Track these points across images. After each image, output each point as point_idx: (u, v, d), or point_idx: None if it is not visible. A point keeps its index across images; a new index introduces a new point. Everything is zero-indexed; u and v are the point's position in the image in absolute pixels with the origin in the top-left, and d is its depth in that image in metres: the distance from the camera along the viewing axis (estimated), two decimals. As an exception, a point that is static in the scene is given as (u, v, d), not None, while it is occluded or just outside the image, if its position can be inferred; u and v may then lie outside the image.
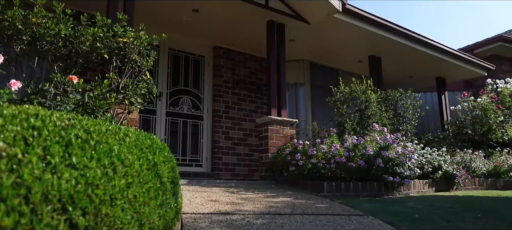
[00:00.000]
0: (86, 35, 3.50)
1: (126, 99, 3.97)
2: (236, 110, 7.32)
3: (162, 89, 6.65)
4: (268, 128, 5.64)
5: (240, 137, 7.24)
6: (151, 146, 2.28)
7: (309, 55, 7.98)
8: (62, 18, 3.45)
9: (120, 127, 1.93)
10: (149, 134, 2.57)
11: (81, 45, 3.55)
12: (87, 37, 3.51)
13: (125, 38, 3.73)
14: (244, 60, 7.61)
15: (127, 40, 3.75)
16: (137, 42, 3.83)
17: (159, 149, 2.30)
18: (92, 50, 3.61)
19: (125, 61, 3.97)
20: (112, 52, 3.91)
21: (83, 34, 3.52)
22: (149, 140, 2.37)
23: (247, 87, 7.51)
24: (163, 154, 2.39)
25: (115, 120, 4.10)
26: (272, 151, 5.61)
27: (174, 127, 6.71)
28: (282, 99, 5.99)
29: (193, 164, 6.81)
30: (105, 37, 3.59)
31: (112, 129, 1.84)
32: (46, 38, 3.40)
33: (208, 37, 7.02)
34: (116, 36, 3.67)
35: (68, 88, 3.16)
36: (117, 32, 3.67)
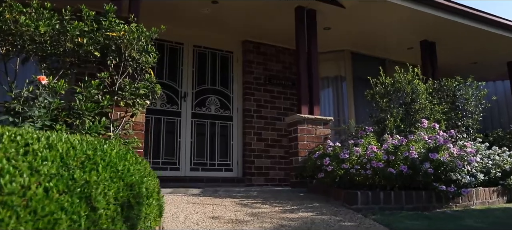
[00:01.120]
0: (71, 31, 3.10)
1: (123, 101, 3.54)
2: (269, 109, 6.70)
3: (187, 90, 6.24)
4: (298, 127, 4.96)
5: (274, 138, 6.62)
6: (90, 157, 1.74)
7: (350, 45, 7.12)
8: (41, 14, 3.09)
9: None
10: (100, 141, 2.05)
11: (67, 43, 3.17)
12: (72, 33, 3.11)
13: (114, 32, 3.29)
14: (276, 54, 6.97)
15: (117, 34, 3.31)
16: (130, 36, 3.38)
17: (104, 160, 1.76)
18: (78, 47, 3.22)
19: (121, 59, 3.54)
20: (107, 50, 3.50)
21: (68, 30, 3.13)
22: (90, 151, 1.84)
23: (281, 84, 6.86)
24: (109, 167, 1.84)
25: (114, 124, 3.70)
26: (303, 154, 4.92)
27: (201, 129, 6.26)
28: (314, 95, 5.27)
29: (222, 169, 6.32)
30: (89, 31, 3.18)
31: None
32: (24, 36, 3.06)
33: (236, 31, 6.48)
34: (102, 30, 3.24)
35: (38, 91, 2.77)
36: (103, 26, 3.24)
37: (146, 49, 3.58)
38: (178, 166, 5.96)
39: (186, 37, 6.34)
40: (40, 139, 1.53)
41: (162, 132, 5.95)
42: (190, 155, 6.07)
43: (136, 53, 3.59)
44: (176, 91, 6.15)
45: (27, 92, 2.82)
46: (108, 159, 1.88)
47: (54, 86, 3.01)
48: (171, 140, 6.00)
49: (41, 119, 2.80)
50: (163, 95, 6.04)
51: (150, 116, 5.87)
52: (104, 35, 3.27)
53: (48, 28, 3.06)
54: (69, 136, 2.03)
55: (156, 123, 5.93)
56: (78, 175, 1.54)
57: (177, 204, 3.42)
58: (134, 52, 3.58)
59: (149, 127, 5.85)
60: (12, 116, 2.79)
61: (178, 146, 6.01)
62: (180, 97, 6.16)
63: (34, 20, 3.04)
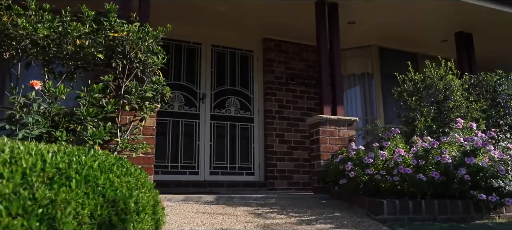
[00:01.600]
0: (71, 33, 2.96)
1: (128, 105, 3.37)
2: (292, 109, 6.40)
3: (206, 91, 6.04)
4: (320, 129, 4.63)
5: (297, 139, 6.31)
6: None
7: (377, 39, 6.68)
8: (42, 16, 2.96)
9: None
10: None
11: (68, 45, 3.03)
12: (72, 35, 2.97)
13: (115, 32, 3.12)
14: (299, 51, 6.65)
15: (119, 35, 3.14)
16: (133, 36, 3.20)
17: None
18: (79, 49, 3.07)
19: (127, 61, 3.37)
20: (112, 51, 3.34)
21: (69, 32, 2.99)
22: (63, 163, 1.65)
23: (303, 83, 6.54)
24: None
25: (122, 130, 3.54)
26: (325, 157, 4.58)
27: (221, 131, 6.05)
28: (337, 94, 4.92)
29: (243, 172, 6.08)
30: (90, 33, 3.02)
31: None
32: (25, 39, 2.94)
33: (256, 29, 6.22)
34: (102, 31, 3.07)
35: (31, 97, 2.63)
36: (105, 26, 3.07)
37: (152, 50, 3.38)
38: (197, 170, 5.78)
39: (204, 37, 6.15)
40: (4, 151, 1.35)
41: (180, 135, 5.79)
42: (210, 158, 5.88)
43: (143, 55, 3.41)
44: (194, 93, 5.98)
45: (24, 98, 2.70)
46: (85, 172, 1.68)
47: (54, 91, 2.87)
48: (190, 143, 5.83)
49: (37, 126, 2.66)
50: (181, 97, 5.88)
51: (167, 118, 5.73)
52: (106, 37, 3.11)
53: (49, 30, 2.93)
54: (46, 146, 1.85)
55: (174, 126, 5.77)
56: (41, 194, 1.33)
57: (185, 214, 3.21)
58: (141, 54, 3.40)
59: (167, 130, 5.72)
60: (9, 123, 2.67)
61: (197, 150, 5.83)
62: (198, 99, 5.98)
63: (33, 22, 2.92)
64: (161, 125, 5.68)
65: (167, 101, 5.75)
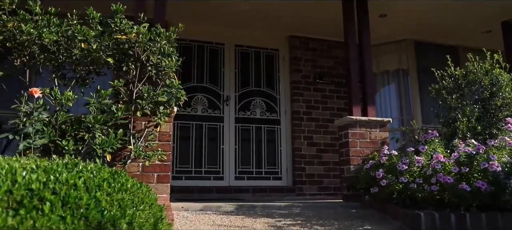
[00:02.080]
0: (77, 36, 2.82)
1: (139, 111, 3.20)
2: (321, 110, 6.05)
3: (229, 93, 5.83)
4: (349, 131, 4.28)
5: (327, 142, 5.96)
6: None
7: (412, 32, 6.17)
8: (48, 20, 2.84)
9: None
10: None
11: (74, 50, 2.89)
12: (77, 38, 2.83)
13: (125, 35, 2.94)
14: (327, 49, 6.29)
15: (127, 37, 2.96)
16: (143, 38, 3.02)
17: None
18: (87, 54, 2.92)
19: (137, 64, 3.20)
20: (123, 55, 3.18)
21: (75, 36, 2.85)
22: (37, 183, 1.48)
23: (333, 81, 6.17)
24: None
25: (135, 136, 3.37)
26: (356, 162, 4.23)
27: (246, 135, 5.81)
28: (368, 93, 4.54)
29: (270, 177, 5.81)
30: (96, 36, 2.86)
31: None
32: (33, 45, 2.84)
33: (281, 26, 5.93)
34: (109, 33, 2.91)
35: (31, 105, 2.49)
36: (112, 28, 2.91)
37: (164, 52, 3.19)
38: (222, 175, 5.57)
39: (227, 37, 5.94)
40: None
41: (204, 139, 5.60)
42: (235, 163, 5.66)
43: (155, 57, 3.22)
44: (218, 95, 5.78)
45: (27, 106, 2.58)
46: (65, 191, 1.48)
47: (60, 98, 2.74)
48: (214, 147, 5.63)
49: (40, 135, 2.53)
50: (204, 100, 5.70)
51: (190, 122, 5.57)
52: (114, 39, 2.94)
53: (56, 35, 2.80)
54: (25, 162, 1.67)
55: (198, 129, 5.60)
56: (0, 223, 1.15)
57: (200, 227, 2.99)
58: (153, 56, 3.22)
59: (190, 134, 5.56)
60: (14, 133, 2.56)
61: (222, 154, 5.63)
62: (222, 102, 5.77)
63: (40, 27, 2.80)
64: (184, 128, 5.53)
65: (190, 105, 5.60)
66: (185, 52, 5.76)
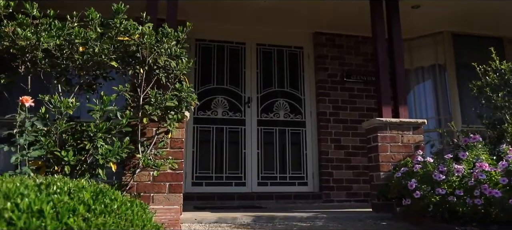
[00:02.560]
0: (74, 39, 2.64)
1: (146, 117, 2.99)
2: (348, 110, 5.66)
3: (251, 94, 5.56)
4: (378, 135, 3.89)
5: (355, 144, 5.56)
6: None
7: (449, 23, 5.64)
8: (49, 24, 2.68)
9: None
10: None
11: (74, 54, 2.72)
12: (77, 41, 2.65)
13: (128, 36, 2.74)
14: (355, 45, 5.89)
15: (129, 38, 2.76)
16: (147, 39, 2.80)
17: None
18: (89, 58, 2.74)
19: (144, 67, 2.99)
20: (130, 57, 2.99)
21: (74, 39, 2.68)
22: None
23: (361, 80, 5.77)
24: None
25: (145, 144, 3.18)
26: (386, 168, 3.84)
27: (269, 138, 5.52)
28: (399, 92, 4.13)
29: (295, 183, 5.49)
30: (96, 38, 2.67)
31: None
32: (33, 51, 2.69)
33: (305, 23, 5.60)
34: (108, 36, 2.71)
35: (23, 114, 2.32)
36: (112, 30, 2.71)
37: (171, 53, 2.96)
38: (244, 181, 5.31)
39: (247, 36, 5.68)
40: None
41: (225, 143, 5.37)
42: (257, 167, 5.39)
43: (162, 59, 3.01)
44: (239, 97, 5.53)
45: (23, 115, 2.42)
46: (24, 220, 1.27)
47: (60, 106, 2.57)
48: (235, 151, 5.38)
49: (35, 147, 2.36)
50: (225, 102, 5.47)
51: (210, 126, 5.35)
52: (117, 42, 2.75)
53: (57, 39, 2.64)
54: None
55: (218, 133, 5.37)
56: None
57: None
58: (160, 58, 3.00)
59: (210, 138, 5.34)
60: (8, 145, 2.41)
61: (243, 158, 5.37)
62: (243, 104, 5.51)
63: (39, 31, 2.65)
64: (203, 132, 5.32)
65: (210, 107, 5.39)
66: (204, 53, 5.55)
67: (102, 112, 2.74)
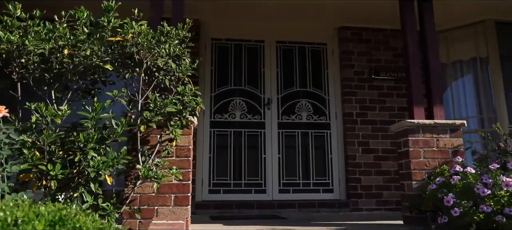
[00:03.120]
0: (62, 41, 2.42)
1: (143, 124, 2.72)
2: (377, 110, 5.20)
3: (271, 95, 5.21)
4: (409, 139, 3.44)
5: (386, 148, 5.09)
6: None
7: (493, 11, 5.02)
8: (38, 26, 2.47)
9: None
10: None
11: (64, 58, 2.49)
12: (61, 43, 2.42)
13: (117, 36, 2.48)
14: (384, 39, 5.40)
15: (123, 38, 2.50)
16: (142, 39, 2.53)
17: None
18: (79, 62, 2.51)
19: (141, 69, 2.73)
20: (127, 59, 2.74)
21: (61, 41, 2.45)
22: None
23: (391, 77, 5.28)
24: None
25: (146, 153, 2.92)
26: (419, 177, 3.38)
27: (290, 141, 5.16)
28: (433, 90, 3.66)
29: (320, 189, 5.09)
30: (84, 41, 2.43)
31: None
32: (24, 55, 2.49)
33: (328, 17, 5.19)
34: (96, 36, 2.45)
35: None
36: (101, 30, 2.45)
37: (169, 54, 2.68)
38: (264, 188, 4.98)
39: (266, 33, 5.34)
40: None
41: (243, 147, 5.06)
42: (278, 173, 5.04)
43: (162, 60, 2.73)
44: (258, 98, 5.20)
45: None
46: None
47: (46, 115, 2.35)
48: (254, 156, 5.06)
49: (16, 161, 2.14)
50: (243, 104, 5.16)
51: (228, 130, 5.06)
52: (109, 42, 2.50)
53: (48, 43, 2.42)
54: None
55: (236, 137, 5.07)
56: None
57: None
58: (159, 59, 2.73)
59: (228, 142, 5.05)
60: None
61: (263, 164, 5.04)
62: (263, 105, 5.18)
63: (27, 34, 2.44)
64: (221, 136, 5.04)
65: (228, 110, 5.10)
66: (221, 53, 5.27)
67: (94, 121, 2.49)
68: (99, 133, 2.50)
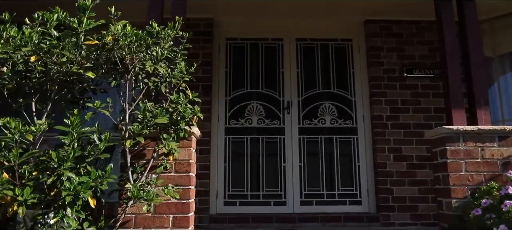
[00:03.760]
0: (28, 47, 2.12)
1: (129, 139, 2.39)
2: (411, 112, 4.63)
3: (291, 98, 4.78)
4: (447, 148, 2.91)
5: (421, 154, 4.52)
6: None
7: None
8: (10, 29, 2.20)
9: None
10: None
11: (36, 67, 2.21)
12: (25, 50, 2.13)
13: (92, 40, 2.15)
14: (418, 32, 4.82)
15: (97, 42, 2.17)
16: (123, 41, 2.19)
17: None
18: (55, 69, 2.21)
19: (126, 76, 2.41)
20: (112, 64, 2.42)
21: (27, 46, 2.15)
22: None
23: (427, 74, 4.70)
24: None
25: (137, 170, 2.60)
26: (460, 194, 2.85)
27: (312, 148, 4.70)
28: (476, 90, 3.10)
29: (346, 201, 4.60)
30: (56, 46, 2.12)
31: None
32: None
33: (354, 10, 4.67)
34: (66, 41, 2.13)
35: None
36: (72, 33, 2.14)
37: (157, 57, 2.33)
38: (284, 200, 4.56)
39: (285, 30, 4.92)
40: None
41: (261, 155, 4.66)
42: (300, 184, 4.60)
43: (150, 65, 2.39)
44: (277, 102, 4.78)
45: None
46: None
47: (14, 131, 2.06)
48: (273, 165, 4.65)
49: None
50: (260, 108, 4.76)
51: (244, 136, 4.69)
52: (80, 46, 2.18)
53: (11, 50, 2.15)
54: None
55: (253, 144, 4.68)
56: None
57: None
58: (147, 64, 2.39)
59: (244, 150, 4.68)
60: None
61: (283, 173, 4.62)
62: (282, 109, 4.76)
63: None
64: (236, 144, 4.67)
65: (244, 115, 4.73)
66: (236, 54, 4.90)
67: (73, 137, 2.19)
68: (77, 150, 2.19)
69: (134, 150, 2.66)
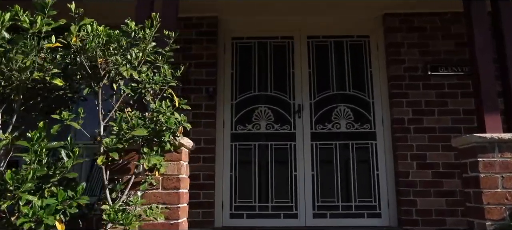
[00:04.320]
0: None
1: (101, 156, 2.09)
2: (436, 115, 4.16)
3: (302, 101, 4.40)
4: (479, 160, 2.47)
5: (448, 161, 4.05)
6: None
7: None
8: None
9: None
10: None
11: None
12: None
13: (51, 43, 1.86)
14: (443, 25, 4.34)
15: (57, 44, 1.87)
16: (90, 44, 1.89)
17: None
18: (14, 77, 1.93)
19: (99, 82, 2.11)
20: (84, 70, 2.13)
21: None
22: None
23: (454, 72, 4.21)
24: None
25: (117, 188, 2.31)
26: (496, 215, 2.41)
27: (326, 155, 4.30)
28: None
29: (364, 214, 4.18)
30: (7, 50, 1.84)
31: None
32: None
33: (371, 3, 4.24)
34: (19, 45, 1.84)
35: None
36: (27, 32, 1.84)
37: (131, 61, 2.02)
38: (295, 212, 4.19)
39: (295, 27, 4.54)
40: None
41: (270, 163, 4.31)
42: (312, 194, 4.21)
43: (125, 69, 2.08)
44: (287, 105, 4.41)
45: None
46: None
47: None
48: (284, 174, 4.29)
49: None
50: (269, 112, 4.41)
51: (252, 143, 4.35)
52: (42, 50, 1.89)
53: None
54: None
55: (262, 151, 4.33)
56: None
57: None
58: (123, 68, 2.08)
59: (251, 158, 4.34)
60: None
61: (294, 183, 4.25)
62: (292, 113, 4.38)
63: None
64: (243, 151, 4.34)
65: (251, 120, 4.39)
66: (243, 54, 4.57)
67: (35, 154, 1.91)
68: (42, 168, 1.91)
69: (116, 165, 2.37)
